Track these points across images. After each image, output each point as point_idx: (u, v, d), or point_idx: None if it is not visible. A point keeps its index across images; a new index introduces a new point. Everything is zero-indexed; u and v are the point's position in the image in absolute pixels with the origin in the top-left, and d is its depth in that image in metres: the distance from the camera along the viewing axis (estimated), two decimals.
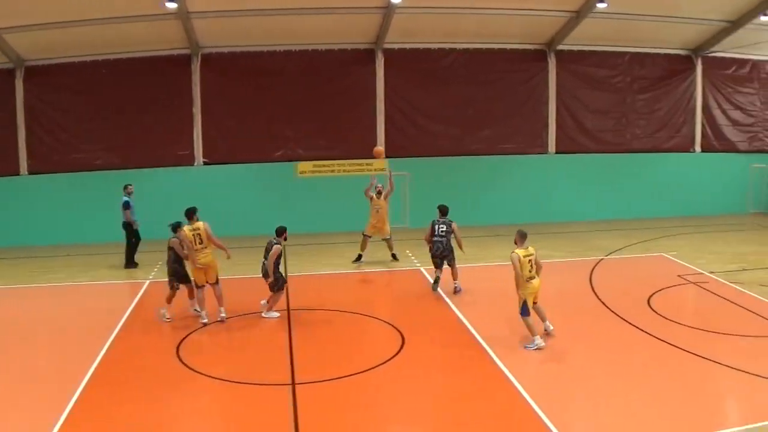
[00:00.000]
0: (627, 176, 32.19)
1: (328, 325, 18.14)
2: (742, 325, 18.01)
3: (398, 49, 28.95)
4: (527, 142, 31.00)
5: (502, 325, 17.64)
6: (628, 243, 27.37)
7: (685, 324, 17.86)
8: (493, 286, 21.49)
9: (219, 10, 24.82)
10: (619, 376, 14.81)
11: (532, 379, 14.45)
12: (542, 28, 29.33)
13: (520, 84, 30.52)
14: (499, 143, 30.47)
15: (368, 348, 16.77)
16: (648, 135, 32.45)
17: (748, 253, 26.08)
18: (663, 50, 32.10)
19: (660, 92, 32.27)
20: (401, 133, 29.44)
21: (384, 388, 14.27)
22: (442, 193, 26.23)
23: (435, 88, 29.55)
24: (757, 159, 34.17)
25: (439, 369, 15.33)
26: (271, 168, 28.45)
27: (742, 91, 33.71)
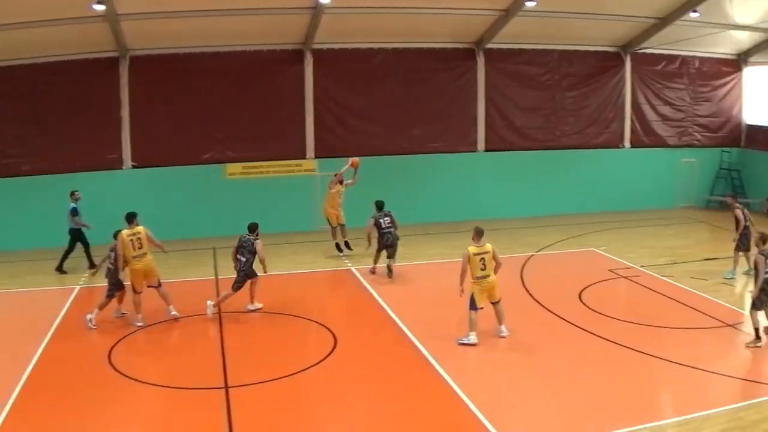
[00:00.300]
0: (557, 173, 33.62)
1: (260, 327, 18.80)
2: (673, 317, 19.36)
3: (327, 49, 29.66)
4: (457, 141, 32.11)
5: (435, 324, 18.44)
6: (558, 239, 28.68)
7: (617, 317, 19.04)
8: (424, 285, 22.60)
9: (148, 12, 25.10)
10: (553, 371, 15.70)
11: (465, 376, 15.24)
12: (471, 27, 30.39)
13: (449, 83, 31.59)
14: (429, 142, 31.48)
15: (300, 349, 17.26)
16: (577, 132, 33.89)
17: (678, 247, 27.65)
18: (592, 47, 33.57)
19: (589, 89, 33.78)
20: (331, 133, 30.23)
21: (318, 390, 14.80)
22: (373, 192, 27.05)
23: (364, 87, 30.44)
24: (686, 154, 35.96)
25: (373, 368, 15.93)
26: (200, 170, 28.86)
27: (671, 86, 35.47)
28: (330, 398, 14.41)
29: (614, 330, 18.04)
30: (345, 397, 14.42)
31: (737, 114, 37.25)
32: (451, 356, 16.35)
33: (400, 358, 16.59)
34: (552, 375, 15.54)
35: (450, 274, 20.46)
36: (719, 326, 18.60)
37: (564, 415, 13.66)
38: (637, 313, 19.43)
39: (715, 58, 36.23)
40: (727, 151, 36.68)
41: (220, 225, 27.75)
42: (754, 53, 36.09)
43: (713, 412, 13.69)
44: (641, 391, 14.77)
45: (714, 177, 36.64)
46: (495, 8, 28.82)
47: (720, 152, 36.66)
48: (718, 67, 36.46)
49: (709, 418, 13.49)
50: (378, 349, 17.25)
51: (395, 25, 29.00)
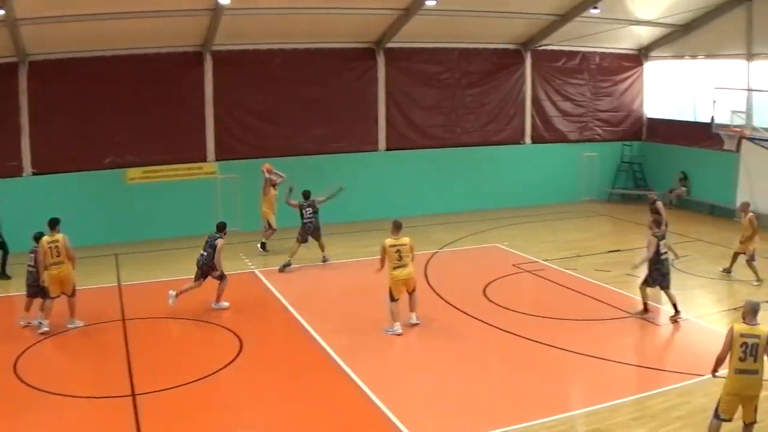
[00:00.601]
0: (459, 170, 35.08)
1: (165, 333, 19.22)
2: (578, 309, 20.66)
3: (227, 51, 30.10)
4: (359, 140, 33.12)
5: (340, 323, 19.34)
6: (462, 235, 29.98)
7: (522, 311, 20.14)
8: (327, 285, 23.64)
9: (48, 16, 24.89)
10: (460, 366, 16.65)
11: (372, 374, 15.99)
12: (371, 26, 31.32)
13: (350, 83, 32.58)
14: (331, 142, 32.32)
15: (207, 354, 17.50)
16: (478, 129, 35.53)
17: (581, 240, 29.34)
18: (492, 45, 35.25)
19: (489, 86, 35.44)
20: (231, 135, 30.77)
21: (226, 393, 15.34)
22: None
23: (265, 89, 31.03)
24: (588, 148, 38.01)
25: (279, 370, 16.58)
26: (101, 176, 28.78)
27: (571, 82, 37.48)
28: (238, 401, 14.79)
29: (520, 324, 19.04)
30: (253, 400, 14.90)
31: (638, 108, 39.49)
32: (357, 354, 17.12)
33: (306, 357, 17.28)
34: (460, 370, 16.44)
35: (352, 274, 22.02)
36: (624, 317, 19.94)
37: (472, 409, 14.44)
38: (543, 307, 20.62)
39: (616, 53, 38.22)
40: (629, 144, 38.88)
41: (122, 231, 28.47)
42: (655, 48, 38.23)
43: (621, 402, 14.62)
44: (549, 384, 15.74)
45: (616, 170, 38.82)
46: (395, 7, 29.68)
47: (621, 146, 38.82)
48: (619, 63, 38.56)
49: (617, 408, 14.37)
50: (284, 349, 17.94)
51: (295, 26, 29.61)
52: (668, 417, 13.98)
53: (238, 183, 30.33)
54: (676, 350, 18.63)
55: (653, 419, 13.93)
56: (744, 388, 12.19)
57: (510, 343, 18.02)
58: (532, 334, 18.25)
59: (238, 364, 16.76)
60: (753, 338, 12.04)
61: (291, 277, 23.44)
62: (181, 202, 29.77)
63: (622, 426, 13.70)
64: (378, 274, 18.79)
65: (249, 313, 20.50)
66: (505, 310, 20.30)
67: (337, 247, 27.33)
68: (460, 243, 28.87)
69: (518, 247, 27.75)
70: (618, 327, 19.45)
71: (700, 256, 26.34)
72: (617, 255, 26.20)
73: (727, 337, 12.27)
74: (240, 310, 20.58)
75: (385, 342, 18.17)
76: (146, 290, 22.80)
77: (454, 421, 14.08)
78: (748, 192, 32.45)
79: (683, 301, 20.72)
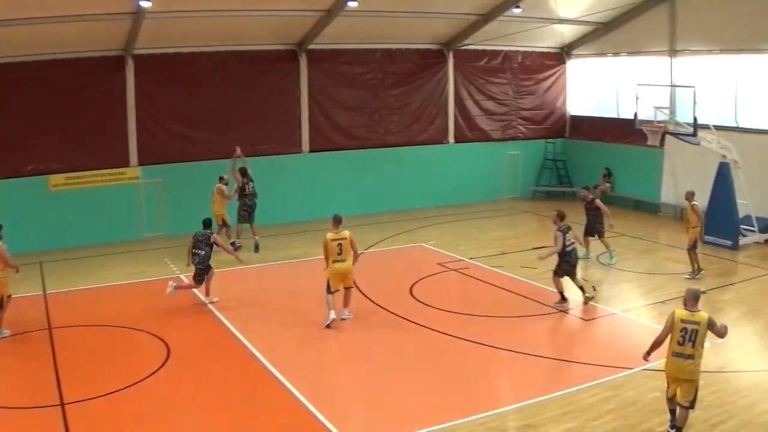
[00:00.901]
0: (384, 170, 35.88)
1: (91, 340, 19.01)
2: (506, 306, 21.31)
3: (149, 54, 30.17)
4: (282, 142, 33.52)
5: (267, 326, 19.74)
6: (388, 235, 30.67)
7: (450, 310, 20.72)
8: (253, 288, 24.00)
9: None
10: (390, 366, 17.13)
11: (301, 377, 16.20)
12: (293, 28, 31.75)
13: (272, 85, 32.98)
14: (254, 145, 31.83)
15: (134, 361, 17.49)
16: (401, 129, 36.45)
17: (507, 237, 30.34)
18: (415, 45, 36.15)
19: (412, 87, 36.34)
20: (154, 139, 30.76)
21: (155, 400, 15.33)
22: (198, 199, 29.08)
23: (187, 92, 31.17)
24: (512, 146, 39.24)
25: (209, 375, 16.63)
26: (24, 183, 28.53)
27: (494, 81, 38.67)
28: (168, 408, 14.95)
29: (448, 322, 19.57)
30: (183, 406, 15.07)
31: (561, 106, 40.89)
32: (286, 357, 17.44)
33: (235, 362, 17.48)
34: (389, 370, 16.90)
35: (277, 276, 22.39)
36: (551, 312, 20.76)
37: (403, 408, 14.82)
38: (470, 304, 21.21)
39: (539, 52, 39.56)
40: (552, 142, 40.25)
41: (46, 238, 28.50)
42: (578, 46, 39.64)
43: (551, 397, 15.11)
44: (479, 381, 16.28)
45: (539, 168, 40.10)
46: (317, 9, 30.11)
47: (545, 143, 40.14)
48: (542, 61, 39.89)
49: (547, 403, 14.85)
50: (212, 355, 17.98)
51: (217, 29, 29.79)
52: (598, 411, 14.50)
53: (161, 187, 30.51)
54: (604, 344, 19.15)
55: (583, 413, 14.41)
56: (677, 371, 13.09)
57: (438, 341, 18.45)
58: (460, 332, 18.77)
59: (166, 370, 16.85)
60: (693, 324, 12.94)
61: (216, 281, 22.81)
62: (106, 208, 29.80)
63: (552, 420, 14.16)
64: (304, 275, 19.71)
65: (176, 319, 20.50)
66: (432, 309, 20.83)
67: (261, 250, 27.63)
68: (386, 243, 29.37)
69: (444, 246, 28.44)
70: (546, 323, 20.25)
71: (625, 251, 27.37)
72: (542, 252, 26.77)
73: (668, 321, 13.15)
74: (166, 316, 20.64)
75: (313, 344, 18.60)
76: (72, 298, 22.72)
77: (384, 421, 14.50)
78: (673, 186, 33.96)
79: (611, 297, 22.10)
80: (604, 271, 25.01)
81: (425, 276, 24.44)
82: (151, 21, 27.26)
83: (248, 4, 28.36)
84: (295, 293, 22.55)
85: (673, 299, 21.04)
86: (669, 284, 23.35)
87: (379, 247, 28.50)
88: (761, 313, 20.70)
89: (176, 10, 27.44)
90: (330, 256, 19.44)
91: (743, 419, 14.12)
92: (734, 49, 31.67)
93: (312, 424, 14.17)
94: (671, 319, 13.12)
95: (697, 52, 33.52)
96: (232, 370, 17.06)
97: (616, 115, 38.00)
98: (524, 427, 14.00)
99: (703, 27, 32.61)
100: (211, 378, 16.53)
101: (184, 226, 27.81)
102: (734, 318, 20.17)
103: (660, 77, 34.52)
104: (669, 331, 13.12)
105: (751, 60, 31.39)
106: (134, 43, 29.11)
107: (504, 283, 23.57)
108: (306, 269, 24.96)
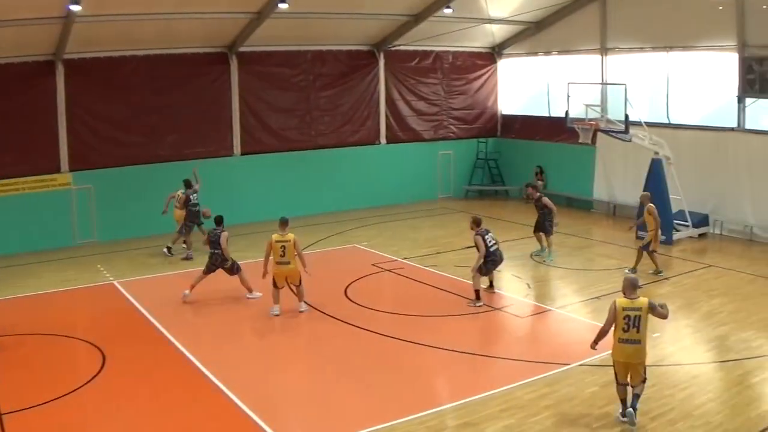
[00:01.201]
0: (316, 172, 36.39)
1: (26, 349, 18.86)
2: (441, 305, 21.71)
3: (79, 59, 30.18)
4: (214, 145, 33.85)
5: (202, 331, 19.99)
6: (322, 237, 31.02)
7: (385, 310, 21.19)
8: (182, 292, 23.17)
9: None
10: (327, 368, 17.37)
11: (238, 380, 16.33)
12: (224, 30, 32.07)
13: (203, 88, 33.32)
14: (185, 148, 32.80)
15: (70, 369, 17.62)
16: (333, 131, 37.03)
17: (440, 237, 30.98)
18: (346, 47, 36.88)
19: (343, 88, 37.03)
20: (85, 145, 30.74)
21: (92, 408, 15.38)
22: (130, 203, 29.99)
23: (119, 96, 31.26)
24: (443, 146, 40.20)
25: (145, 382, 16.61)
26: None
27: (425, 81, 39.61)
28: (106, 416, 14.93)
29: (384, 323, 19.97)
30: (120, 414, 14.97)
31: (492, 105, 41.97)
32: (222, 361, 17.50)
33: (172, 368, 17.47)
34: (326, 372, 17.16)
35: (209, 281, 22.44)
36: (487, 311, 21.22)
37: (342, 409, 15.03)
38: (405, 305, 21.58)
39: (470, 51, 40.57)
40: (484, 141, 41.26)
41: None
42: (508, 45, 40.76)
43: (489, 394, 15.41)
44: (416, 381, 16.45)
45: (472, 167, 41.16)
46: (247, 11, 30.52)
47: (477, 143, 41.18)
48: (473, 61, 40.94)
49: (485, 401, 15.12)
50: (148, 361, 17.91)
51: (147, 32, 29.99)
52: (536, 407, 14.86)
53: (93, 193, 30.64)
54: (541, 341, 19.64)
55: (522, 410, 14.73)
56: (627, 356, 13.82)
57: (374, 342, 18.79)
58: (396, 332, 19.10)
59: (102, 378, 16.81)
60: (635, 311, 13.73)
61: (150, 287, 23.75)
62: (37, 214, 29.70)
63: (491, 418, 14.43)
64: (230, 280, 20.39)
65: (111, 326, 20.41)
66: (367, 310, 21.24)
67: (195, 255, 27.73)
68: (320, 245, 29.71)
69: (378, 247, 29.04)
70: (482, 321, 20.71)
71: (558, 248, 28.15)
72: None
73: (611, 311, 13.91)
74: (101, 323, 20.64)
75: (249, 348, 18.93)
76: (5, 306, 22.59)
77: (323, 423, 14.66)
78: (605, 183, 35.10)
79: (546, 293, 23.09)
80: (539, 269, 25.83)
81: (360, 277, 24.84)
82: (82, 25, 27.27)
83: (179, 7, 28.59)
84: (231, 298, 22.85)
85: (607, 294, 21.98)
86: (603, 280, 24.26)
87: (313, 249, 28.51)
88: (697, 307, 21.53)
89: (107, 14, 27.53)
90: (274, 257, 20.38)
91: (682, 411, 14.64)
92: (665, 46, 32.90)
93: (251, 429, 14.32)
94: (613, 308, 13.86)
95: (627, 49, 34.77)
96: (168, 376, 17.11)
97: (548, 114, 39.14)
98: (463, 425, 14.29)
99: (634, 25, 33.83)
100: (148, 384, 16.57)
101: (117, 232, 28.77)
102: (670, 311, 20.31)
103: (591, 75, 35.78)
104: (613, 320, 13.94)
105: (682, 57, 32.66)
106: (64, 48, 29.09)
107: (438, 282, 24.05)
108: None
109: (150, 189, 31.26)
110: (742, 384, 16.14)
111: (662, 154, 29.73)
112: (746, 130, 30.27)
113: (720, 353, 18.14)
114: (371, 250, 28.72)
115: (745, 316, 20.60)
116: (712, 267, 25.97)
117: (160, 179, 31.58)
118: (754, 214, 30.02)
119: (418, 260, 26.95)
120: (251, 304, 21.78)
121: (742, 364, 17.23)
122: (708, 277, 24.79)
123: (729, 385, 16.18)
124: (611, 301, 14.28)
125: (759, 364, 17.20)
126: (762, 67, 28.76)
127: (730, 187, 30.65)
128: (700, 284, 23.95)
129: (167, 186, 29.53)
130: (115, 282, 24.78)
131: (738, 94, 30.08)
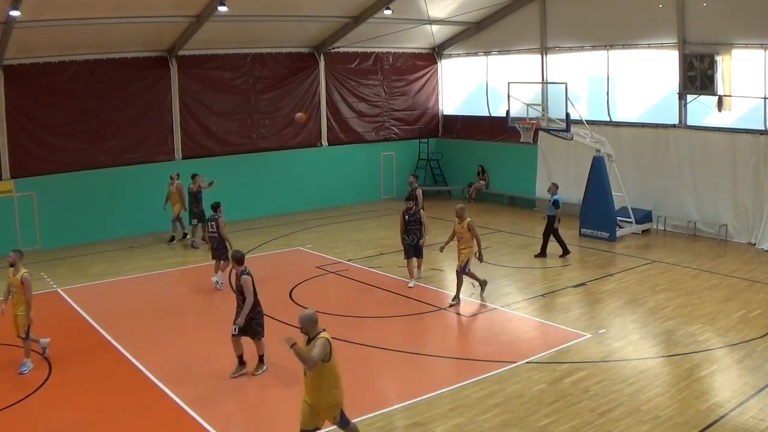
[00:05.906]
0: (258, 175, 37.23)
1: None
2: (386, 306, 22.29)
3: (18, 64, 30.31)
4: (154, 150, 34.32)
5: (148, 338, 20.06)
6: (263, 240, 31.64)
7: (331, 312, 21.09)
8: (132, 299, 24.13)
9: None
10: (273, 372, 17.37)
11: (186, 388, 16.43)
12: (163, 34, 32.68)
13: (143, 92, 33.80)
14: (125, 153, 33.23)
15: (16, 378, 17.40)
16: (273, 133, 37.94)
17: (384, 238, 31.54)
18: (286, 49, 37.74)
19: (284, 91, 37.87)
20: (25, 151, 30.90)
21: (43, 417, 15.37)
22: (73, 210, 30.47)
23: (58, 102, 31.58)
24: (385, 147, 41.29)
25: (93, 391, 16.65)
26: None
27: (366, 83, 40.71)
28: (53, 427, 15.00)
29: (330, 325, 16.38)
30: (69, 424, 15.06)
31: (433, 106, 43.15)
32: (169, 369, 17.66)
33: (118, 376, 17.49)
34: (273, 376, 17.25)
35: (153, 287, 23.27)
36: (433, 311, 21.83)
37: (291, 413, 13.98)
38: (350, 306, 22.17)
39: (410, 52, 41.72)
40: (425, 142, 42.37)
41: None
42: (449, 46, 41.95)
43: (438, 394, 15.79)
44: (364, 382, 16.57)
45: (414, 168, 42.00)
46: (186, 14, 30.97)
47: (418, 143, 42.25)
48: (413, 62, 42.09)
49: (434, 400, 15.52)
50: (95, 370, 17.96)
51: (87, 37, 30.45)
52: (485, 405, 15.25)
53: (34, 200, 30.80)
54: (486, 340, 19.99)
55: (470, 408, 15.13)
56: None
57: None
58: (342, 334, 18.80)
59: (49, 387, 16.88)
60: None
61: (94, 294, 24.00)
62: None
63: (440, 417, 14.80)
64: (182, 284, 20.91)
65: (56, 334, 19.90)
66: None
67: (135, 261, 28.40)
68: (263, 248, 30.31)
69: (321, 249, 29.64)
70: (427, 321, 21.26)
71: (501, 247, 29.13)
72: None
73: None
74: (47, 332, 19.85)
75: (196, 354, 18.86)
76: None
77: (273, 427, 14.90)
78: (548, 182, 35.91)
79: (490, 292, 23.18)
80: (484, 268, 25.19)
81: (304, 279, 25.22)
82: (20, 30, 27.48)
83: (118, 11, 28.88)
84: (174, 304, 23.44)
85: (552, 292, 23.10)
86: (548, 278, 25.22)
87: (256, 253, 29.01)
88: (642, 302, 22.33)
89: (45, 19, 27.79)
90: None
91: (631, 406, 15.14)
92: (605, 44, 34.18)
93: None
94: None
95: (568, 48, 36.08)
96: (115, 385, 17.13)
97: (489, 114, 40.30)
98: (412, 425, 14.59)
99: (574, 24, 35.14)
100: (96, 393, 16.63)
101: (60, 239, 28.98)
102: (615, 308, 22.07)
103: (532, 74, 36.99)
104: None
105: (623, 55, 33.96)
106: (3, 54, 29.28)
107: (383, 283, 24.63)
108: (183, 278, 25.99)
109: (92, 195, 31.86)
110: (690, 378, 16.79)
111: (604, 151, 30.80)
112: (688, 126, 31.57)
113: (667, 347, 18.81)
114: (315, 253, 29.18)
115: (690, 311, 21.43)
116: (656, 262, 27.00)
117: (102, 185, 32.22)
118: (697, 210, 31.31)
119: (363, 262, 27.49)
120: (197, 310, 22.23)
121: (690, 357, 17.92)
122: (653, 273, 25.70)
123: (677, 379, 16.79)
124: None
125: (706, 358, 17.94)
126: (702, 64, 29.99)
127: (673, 183, 31.96)
128: (644, 280, 24.82)
129: (109, 192, 30.26)
130: (59, 290, 24.97)
131: (679, 91, 31.38)
